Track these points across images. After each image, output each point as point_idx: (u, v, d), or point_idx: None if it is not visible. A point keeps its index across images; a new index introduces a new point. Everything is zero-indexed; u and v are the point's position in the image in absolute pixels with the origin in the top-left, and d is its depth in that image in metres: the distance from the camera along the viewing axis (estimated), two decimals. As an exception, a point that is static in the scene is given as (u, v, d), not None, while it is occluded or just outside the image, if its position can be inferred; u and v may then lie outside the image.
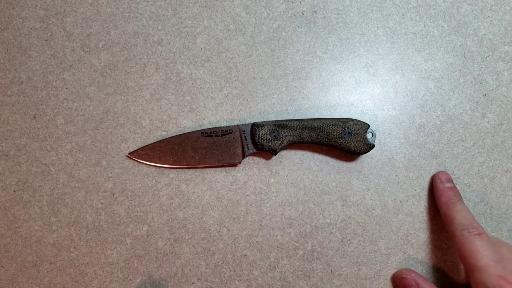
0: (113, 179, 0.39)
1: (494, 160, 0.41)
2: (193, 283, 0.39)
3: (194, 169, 0.40)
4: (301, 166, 0.40)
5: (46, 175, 0.39)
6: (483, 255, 0.34)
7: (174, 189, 0.39)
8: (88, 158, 0.39)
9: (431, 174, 0.40)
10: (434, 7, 0.41)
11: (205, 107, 0.40)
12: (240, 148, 0.39)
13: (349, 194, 0.40)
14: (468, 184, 0.40)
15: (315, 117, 0.40)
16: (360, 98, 0.41)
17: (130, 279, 0.39)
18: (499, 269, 0.33)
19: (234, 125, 0.39)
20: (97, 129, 0.40)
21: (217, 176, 0.40)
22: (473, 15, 0.42)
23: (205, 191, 0.40)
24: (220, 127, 0.39)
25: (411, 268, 0.40)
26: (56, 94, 0.40)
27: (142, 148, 0.39)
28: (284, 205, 0.40)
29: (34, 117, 0.40)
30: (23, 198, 0.39)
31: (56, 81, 0.40)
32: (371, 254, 0.39)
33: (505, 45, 0.41)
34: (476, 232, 0.35)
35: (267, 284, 0.39)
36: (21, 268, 0.39)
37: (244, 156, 0.39)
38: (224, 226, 0.39)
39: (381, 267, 0.40)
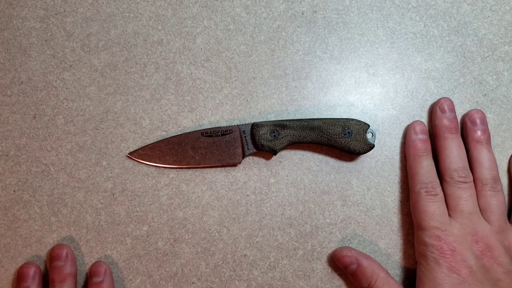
0: (113, 179, 0.39)
1: (494, 160, 0.41)
2: (193, 283, 0.39)
3: (194, 169, 0.40)
4: (301, 166, 0.40)
5: (46, 175, 0.39)
6: (431, 216, 0.36)
7: (174, 189, 0.39)
8: (88, 158, 0.39)
9: (431, 174, 0.40)
10: (434, 7, 0.41)
11: (205, 107, 0.40)
12: (240, 148, 0.39)
13: (349, 194, 0.40)
14: (468, 184, 0.40)
15: (315, 117, 0.40)
16: (360, 98, 0.41)
17: (130, 279, 0.39)
18: (441, 232, 0.35)
19: (234, 125, 0.39)
20: (97, 129, 0.40)
21: (217, 176, 0.40)
22: (473, 15, 0.42)
23: (205, 191, 0.40)
24: (220, 127, 0.39)
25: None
26: (56, 94, 0.40)
27: (142, 148, 0.39)
28: (284, 205, 0.40)
29: (34, 117, 0.40)
30: (23, 198, 0.39)
31: (56, 81, 0.40)
32: (371, 254, 0.39)
33: (505, 45, 0.41)
34: (433, 193, 0.36)
35: (267, 284, 0.39)
36: (21, 268, 0.39)
37: (244, 156, 0.39)
38: (224, 226, 0.39)
39: (381, 267, 0.40)
